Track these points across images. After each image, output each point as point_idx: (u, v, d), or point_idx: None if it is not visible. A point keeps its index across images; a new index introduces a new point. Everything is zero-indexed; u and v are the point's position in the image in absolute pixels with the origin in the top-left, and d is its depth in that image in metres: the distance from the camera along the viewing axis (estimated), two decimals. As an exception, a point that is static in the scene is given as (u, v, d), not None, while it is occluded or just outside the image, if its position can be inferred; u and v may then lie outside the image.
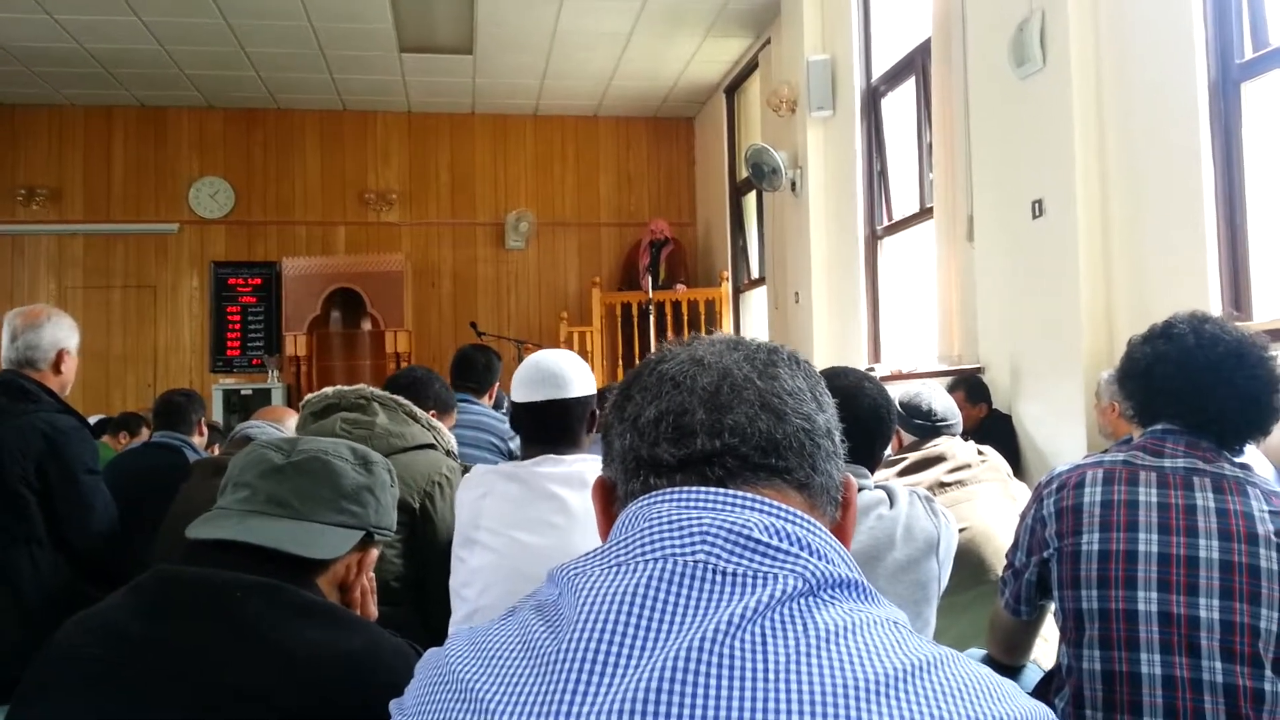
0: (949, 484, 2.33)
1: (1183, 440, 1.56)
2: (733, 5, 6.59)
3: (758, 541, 0.66)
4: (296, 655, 1.06)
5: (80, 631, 1.13)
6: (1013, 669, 1.82)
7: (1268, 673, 1.41)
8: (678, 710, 0.58)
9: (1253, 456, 2.33)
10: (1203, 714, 1.41)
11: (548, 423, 1.94)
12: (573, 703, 0.60)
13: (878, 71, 5.68)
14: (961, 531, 2.05)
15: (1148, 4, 3.46)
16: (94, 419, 4.97)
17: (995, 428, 4.02)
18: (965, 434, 2.60)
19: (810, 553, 0.67)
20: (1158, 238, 3.44)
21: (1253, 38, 3.21)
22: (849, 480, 0.77)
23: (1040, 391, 3.96)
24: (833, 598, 0.65)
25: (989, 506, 2.32)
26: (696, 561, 0.65)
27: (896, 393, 2.28)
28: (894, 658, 0.61)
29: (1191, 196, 3.28)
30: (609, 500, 0.78)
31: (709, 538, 0.66)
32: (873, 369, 5.18)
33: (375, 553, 1.33)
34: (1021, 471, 3.80)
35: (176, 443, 3.47)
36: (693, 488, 0.70)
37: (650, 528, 0.68)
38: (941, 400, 2.51)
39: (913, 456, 2.41)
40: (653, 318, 6.73)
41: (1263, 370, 1.54)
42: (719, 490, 0.70)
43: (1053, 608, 1.63)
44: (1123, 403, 1.72)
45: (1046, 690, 1.66)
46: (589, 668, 0.61)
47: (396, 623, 1.66)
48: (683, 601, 0.63)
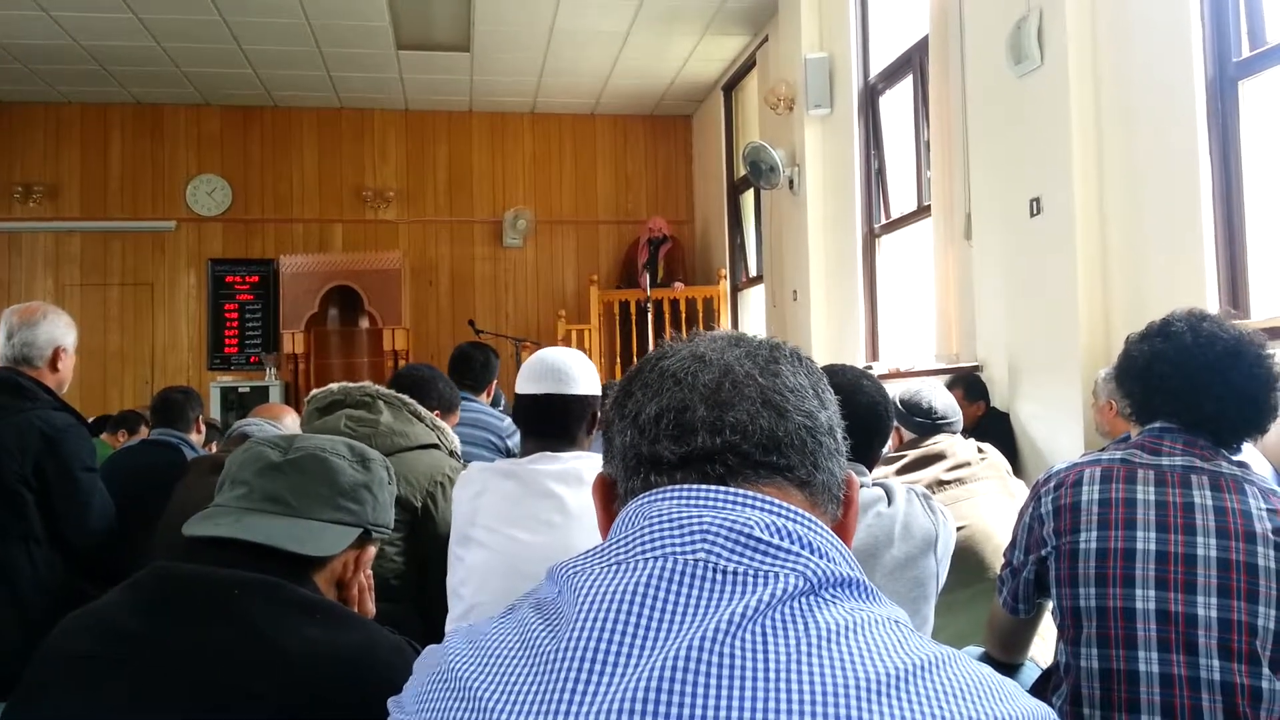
0: (948, 482, 2.33)
1: (1180, 438, 1.56)
2: (730, 3, 6.59)
3: (759, 540, 0.66)
4: (294, 652, 1.06)
5: (78, 629, 1.13)
6: (1011, 667, 1.82)
7: (1265, 670, 1.41)
8: (678, 710, 0.58)
9: (1250, 455, 2.34)
10: (1200, 712, 1.41)
11: (546, 416, 1.93)
12: (572, 702, 0.59)
13: (875, 69, 5.68)
14: (960, 529, 2.05)
15: (1145, 2, 3.46)
16: (92, 418, 4.96)
17: (993, 426, 4.02)
18: (963, 432, 2.60)
19: (811, 551, 0.66)
20: (1155, 236, 3.44)
21: (1250, 36, 3.21)
22: (851, 478, 0.77)
23: (1038, 390, 3.96)
24: (834, 596, 0.64)
25: (988, 505, 2.32)
26: (697, 560, 0.65)
27: (894, 391, 2.28)
28: (895, 657, 0.60)
29: (1189, 194, 3.28)
30: (609, 498, 0.78)
31: (709, 536, 0.66)
32: (870, 367, 5.18)
33: (373, 550, 1.33)
34: (1019, 470, 3.80)
35: (174, 440, 3.47)
36: (693, 485, 0.70)
37: (650, 526, 0.68)
38: (942, 398, 2.51)
39: (912, 454, 2.41)
40: (651, 316, 6.73)
41: (1260, 368, 1.54)
42: (720, 488, 0.69)
43: (1050, 606, 1.63)
44: (1120, 401, 1.73)
45: (1044, 688, 1.66)
46: (588, 667, 0.60)
47: (396, 620, 1.65)
48: (683, 600, 0.63)
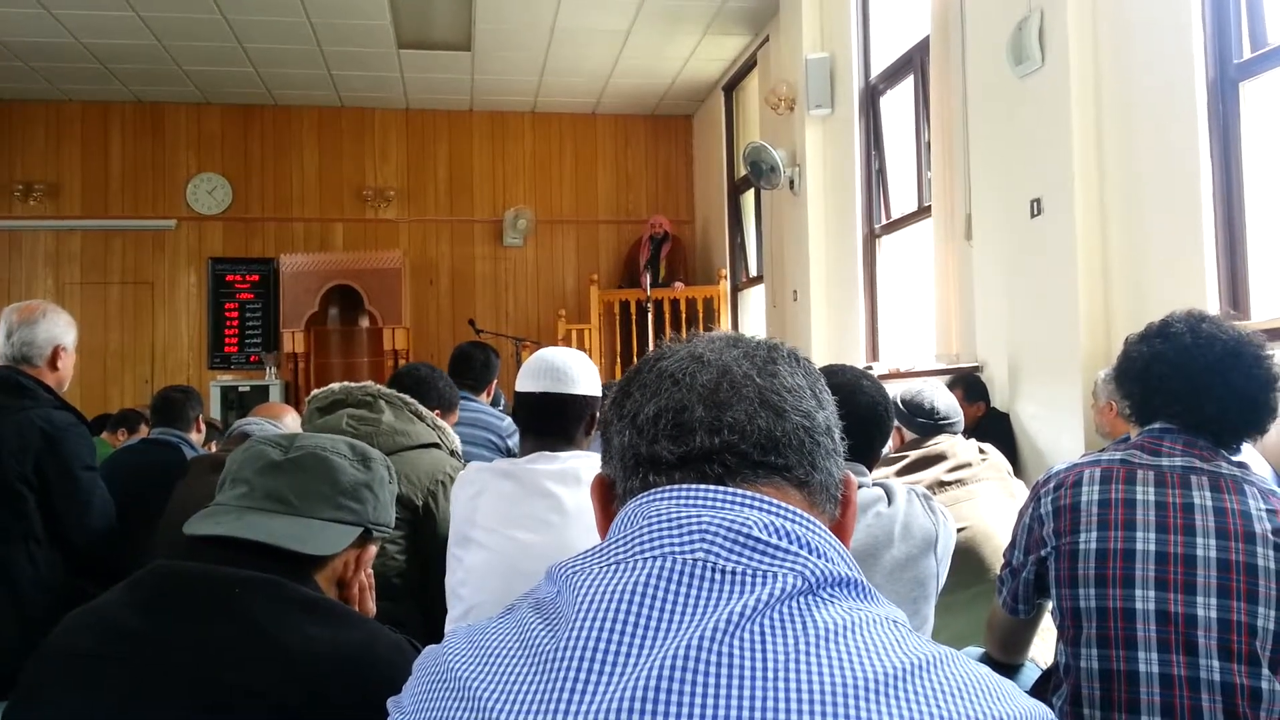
0: (949, 483, 2.33)
1: (1180, 439, 1.56)
2: (731, 3, 6.58)
3: (757, 539, 0.66)
4: (295, 650, 1.06)
5: (78, 628, 1.13)
6: (1011, 668, 1.82)
7: (1265, 671, 1.42)
8: (676, 709, 0.58)
9: (1250, 455, 2.34)
10: (1200, 712, 1.41)
11: (545, 415, 1.93)
12: (571, 701, 0.59)
13: (876, 70, 5.68)
14: (961, 530, 2.05)
15: (1146, 3, 3.46)
16: (92, 417, 4.96)
17: (993, 426, 4.03)
18: (963, 433, 2.60)
19: (810, 551, 0.66)
20: (1156, 237, 3.44)
21: (1251, 37, 3.21)
22: (849, 478, 0.77)
23: (1038, 390, 3.96)
24: (832, 596, 0.64)
25: (989, 505, 2.32)
26: (695, 559, 0.65)
27: (895, 391, 2.28)
28: (893, 656, 0.60)
29: (1190, 196, 3.28)
30: (608, 498, 0.78)
31: (708, 535, 0.66)
32: (871, 367, 5.18)
33: (373, 549, 1.33)
34: (1020, 470, 3.80)
35: (174, 439, 3.47)
36: (692, 485, 0.70)
37: (649, 525, 0.68)
38: (944, 399, 2.50)
39: (913, 455, 2.41)
40: (651, 315, 6.73)
41: (1259, 369, 1.54)
42: (718, 488, 0.69)
43: (1050, 606, 1.63)
44: (1120, 402, 1.73)
45: (1044, 689, 1.66)
46: (587, 666, 0.61)
47: (397, 619, 1.66)
48: (682, 600, 0.63)
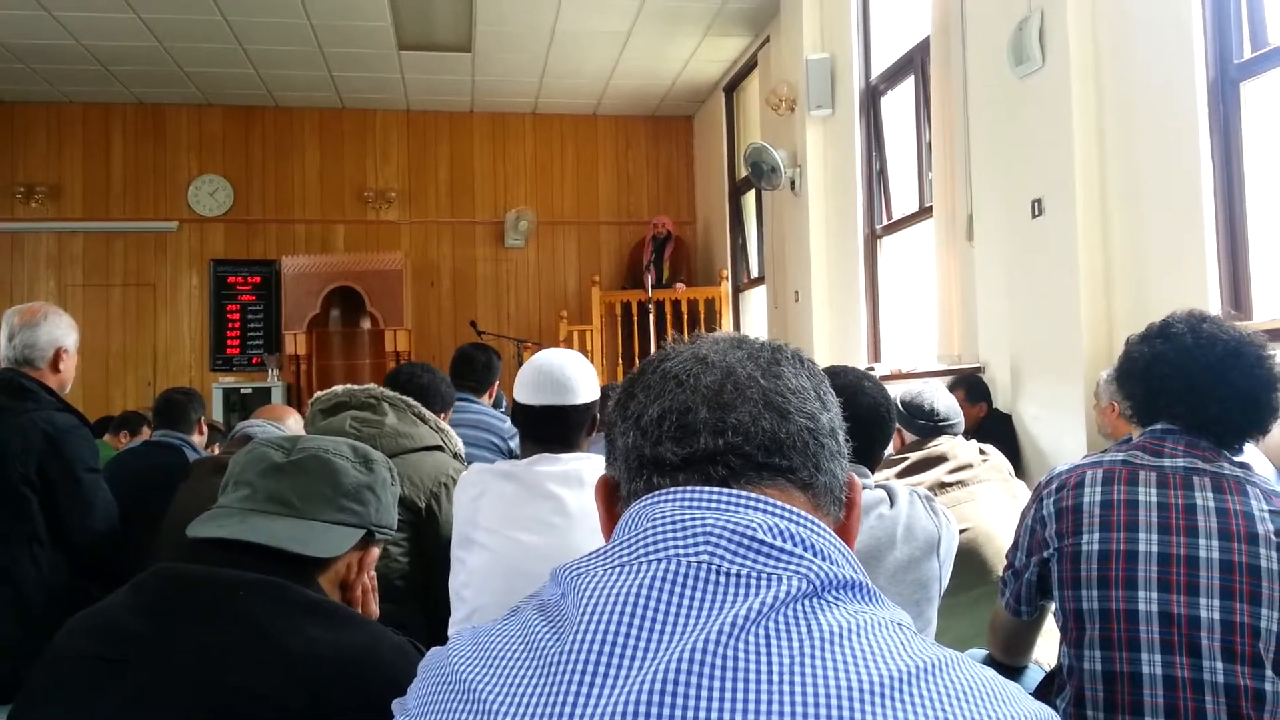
0: (950, 484, 2.33)
1: (1182, 440, 1.56)
2: (732, 4, 6.59)
3: (761, 542, 0.66)
4: (298, 653, 1.06)
5: (82, 630, 1.13)
6: (1014, 669, 1.82)
7: (1268, 673, 1.41)
8: (681, 712, 0.58)
9: (1252, 455, 2.33)
10: (1204, 714, 1.41)
11: (548, 427, 1.94)
12: (575, 704, 0.59)
13: (877, 70, 5.68)
14: (963, 532, 2.05)
15: (1147, 3, 3.46)
16: (94, 420, 4.96)
17: (995, 427, 4.02)
18: (965, 434, 2.60)
19: (814, 554, 0.66)
20: (1157, 237, 3.44)
21: (1251, 37, 3.21)
22: (853, 480, 0.77)
23: (1040, 391, 3.96)
24: (837, 599, 0.64)
25: (990, 507, 2.32)
26: (700, 562, 0.64)
27: (896, 392, 2.28)
28: (899, 660, 0.60)
29: (1191, 196, 3.28)
30: (612, 499, 0.78)
31: (712, 538, 0.66)
32: (872, 368, 5.18)
33: (376, 551, 1.33)
34: (1021, 472, 3.80)
35: (177, 442, 3.47)
36: (696, 487, 0.70)
37: (653, 528, 0.68)
38: (944, 400, 2.50)
39: (914, 456, 2.41)
40: (652, 317, 6.73)
41: (1261, 369, 1.54)
42: (722, 490, 0.69)
43: (1053, 608, 1.63)
44: (1122, 403, 1.72)
45: (1048, 691, 1.65)
46: (592, 669, 0.60)
47: (400, 621, 1.66)
48: (686, 602, 0.63)
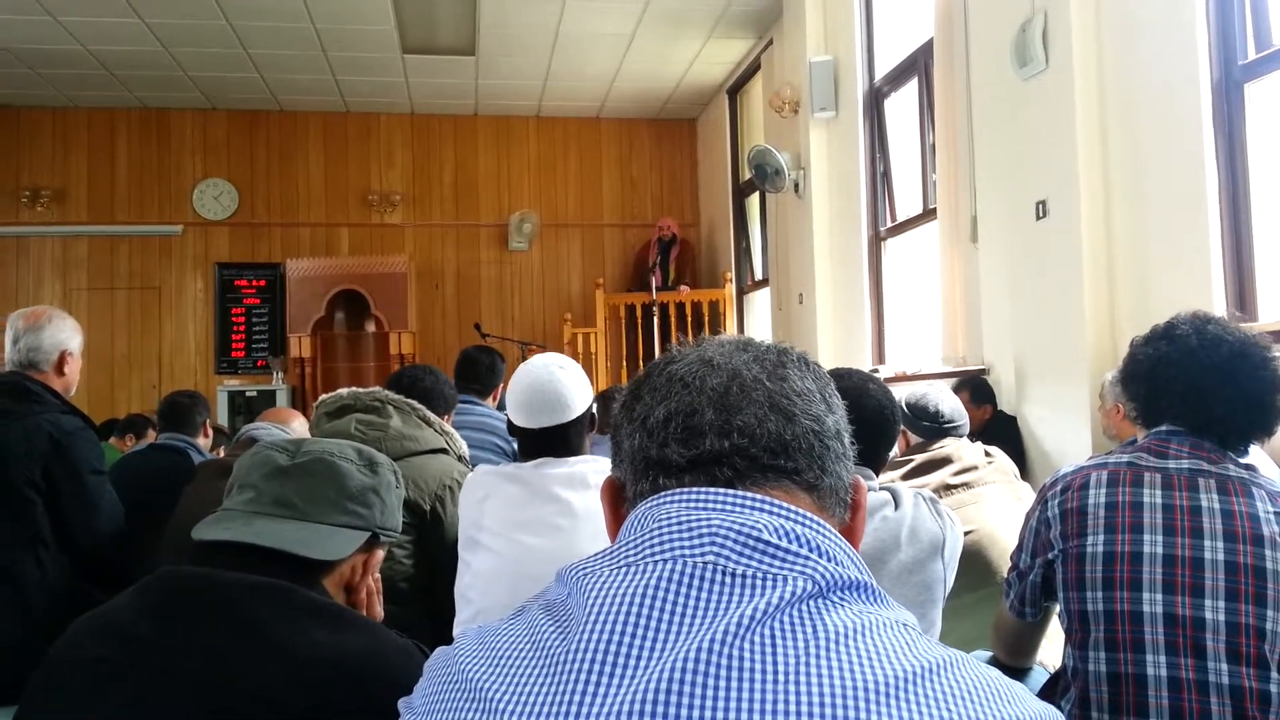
0: (955, 486, 2.32)
1: (1187, 441, 1.56)
2: (735, 6, 6.59)
3: (767, 543, 0.66)
4: (302, 656, 1.06)
5: (87, 633, 1.13)
6: (1018, 671, 1.81)
7: (1273, 674, 1.41)
8: (687, 712, 0.58)
9: (1257, 457, 2.33)
10: (1209, 716, 1.41)
11: (547, 445, 1.94)
12: (582, 703, 0.60)
13: (880, 72, 5.68)
14: (968, 534, 2.04)
15: (1150, 4, 3.46)
16: (99, 423, 4.96)
17: (1000, 429, 4.02)
18: (970, 436, 2.59)
19: (820, 555, 0.67)
20: (1161, 238, 3.44)
21: (1255, 38, 3.20)
22: (858, 482, 0.77)
23: (1045, 393, 3.95)
24: (842, 600, 0.64)
25: (995, 508, 2.31)
26: (706, 563, 0.65)
27: (900, 394, 2.28)
28: (904, 660, 0.61)
29: (1195, 197, 3.28)
30: (618, 501, 0.78)
31: (718, 539, 0.66)
32: (877, 370, 5.18)
33: (381, 554, 1.33)
34: (1027, 473, 3.79)
35: (182, 445, 3.47)
36: (702, 488, 0.70)
37: (659, 528, 0.68)
38: (949, 402, 2.50)
39: (919, 458, 2.41)
40: (656, 319, 6.73)
41: (1266, 370, 1.53)
42: (728, 491, 0.70)
43: (1058, 609, 1.63)
44: (1126, 404, 1.72)
45: (1053, 692, 1.65)
46: (598, 668, 0.61)
47: (404, 623, 1.66)
48: (692, 603, 0.63)
